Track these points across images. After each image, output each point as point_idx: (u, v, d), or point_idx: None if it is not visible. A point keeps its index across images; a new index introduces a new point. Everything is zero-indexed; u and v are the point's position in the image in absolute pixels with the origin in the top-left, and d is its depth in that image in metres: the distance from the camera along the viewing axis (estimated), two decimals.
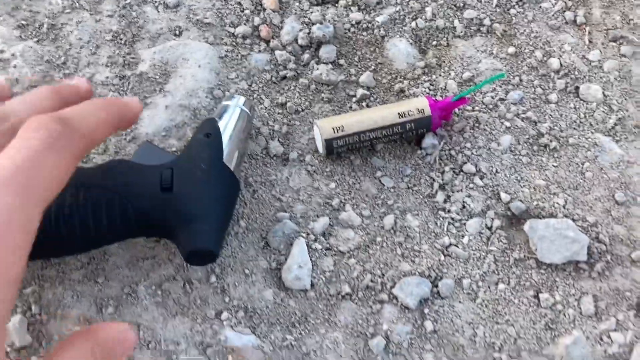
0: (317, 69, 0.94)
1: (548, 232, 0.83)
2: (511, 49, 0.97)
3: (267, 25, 0.97)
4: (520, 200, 0.86)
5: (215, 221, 0.70)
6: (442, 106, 0.85)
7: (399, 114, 0.82)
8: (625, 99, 0.95)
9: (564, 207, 0.86)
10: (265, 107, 0.91)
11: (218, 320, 0.79)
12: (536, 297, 0.82)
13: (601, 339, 0.80)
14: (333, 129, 0.81)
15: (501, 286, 0.82)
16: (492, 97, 0.93)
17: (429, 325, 0.80)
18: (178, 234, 0.69)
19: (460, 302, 0.82)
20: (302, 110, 0.92)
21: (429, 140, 0.89)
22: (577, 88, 0.95)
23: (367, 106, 0.92)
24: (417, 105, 0.84)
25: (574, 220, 0.85)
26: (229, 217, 0.77)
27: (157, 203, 0.68)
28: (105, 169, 0.70)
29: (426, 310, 0.81)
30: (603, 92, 0.95)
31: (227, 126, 0.73)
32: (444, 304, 0.81)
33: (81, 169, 0.67)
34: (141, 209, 0.67)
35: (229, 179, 0.74)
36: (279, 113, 0.91)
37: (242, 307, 0.80)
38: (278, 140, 0.88)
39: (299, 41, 0.95)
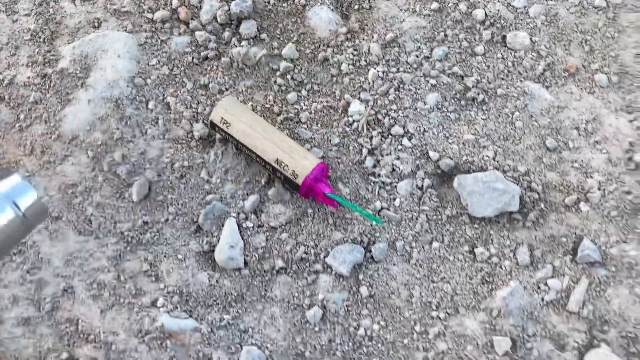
0: (239, 45, 0.93)
1: (477, 186, 0.82)
2: (434, 5, 0.96)
3: (185, 6, 0.95)
4: (450, 157, 0.86)
5: None
6: (311, 187, 0.79)
7: (277, 159, 0.79)
8: (554, 44, 0.93)
9: (494, 159, 0.86)
10: (188, 90, 0.90)
11: (154, 308, 0.79)
12: (471, 252, 0.82)
13: (538, 288, 0.80)
14: (221, 119, 0.82)
15: (435, 245, 0.82)
16: (417, 56, 0.92)
17: (364, 290, 0.80)
18: None
19: (394, 264, 0.82)
20: (227, 89, 0.91)
21: (355, 107, 0.88)
22: (504, 37, 0.94)
23: (292, 79, 0.91)
24: (298, 167, 0.78)
25: (504, 171, 0.85)
26: None
27: None
28: None
29: (361, 276, 0.81)
30: (531, 39, 0.93)
31: None
32: (379, 267, 0.81)
33: None
34: None
35: None
36: (202, 95, 0.90)
37: (178, 292, 0.80)
38: (202, 122, 0.88)
39: (219, 19, 0.94)
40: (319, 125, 0.88)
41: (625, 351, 0.77)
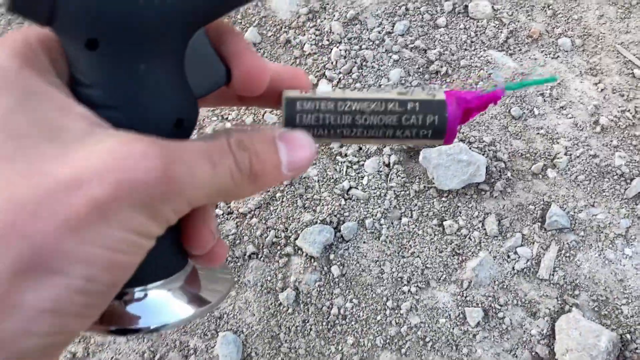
0: None
1: (441, 159, 0.82)
2: None
3: None
4: None
5: None
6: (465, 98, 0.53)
7: (398, 92, 0.40)
8: (516, 10, 0.93)
9: (459, 131, 0.86)
10: None
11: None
12: (440, 225, 0.83)
13: (508, 257, 0.81)
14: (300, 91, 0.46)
15: (404, 220, 0.83)
16: (379, 32, 0.91)
17: (335, 270, 0.81)
18: None
19: (364, 242, 0.82)
20: None
21: (322, 87, 0.88)
22: (465, 7, 0.93)
23: None
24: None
25: (470, 142, 0.85)
26: None
27: None
28: None
29: (331, 256, 0.81)
30: (492, 7, 0.92)
31: None
32: (349, 246, 0.82)
33: None
34: None
35: None
36: None
37: None
38: None
39: None
40: None
41: (596, 314, 0.78)
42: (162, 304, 0.30)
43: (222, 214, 0.83)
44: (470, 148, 0.83)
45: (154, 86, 0.27)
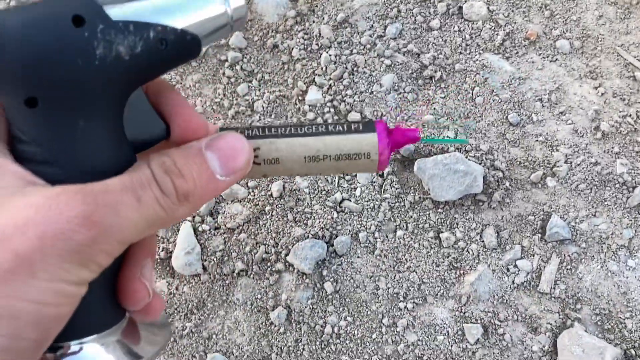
0: None
1: (437, 169, 0.79)
2: None
3: None
4: None
5: None
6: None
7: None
8: (512, 11, 0.89)
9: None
10: None
11: None
12: (437, 238, 0.79)
13: (507, 270, 0.78)
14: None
15: (399, 233, 0.79)
16: (370, 36, 0.88)
17: (329, 286, 0.77)
18: None
19: (358, 257, 0.79)
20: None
21: (312, 95, 0.84)
22: (460, 8, 0.89)
23: (242, 69, 0.87)
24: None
25: (466, 151, 0.81)
26: None
27: None
28: None
29: (324, 272, 0.78)
30: (488, 8, 0.89)
31: None
32: (342, 261, 0.78)
33: None
34: None
35: None
36: None
37: None
38: None
39: None
40: (273, 116, 0.84)
41: (599, 328, 0.75)
42: (98, 357, 0.30)
43: (209, 229, 0.79)
44: (467, 157, 0.80)
45: (92, 142, 0.27)
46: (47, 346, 0.25)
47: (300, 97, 0.85)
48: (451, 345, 0.75)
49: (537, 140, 0.82)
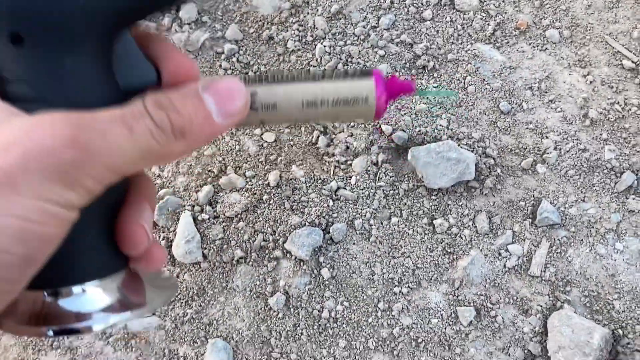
0: (180, 31, 0.89)
1: (430, 157, 0.81)
2: None
3: None
4: (402, 130, 0.84)
5: None
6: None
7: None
8: (503, 2, 0.91)
9: (447, 127, 0.84)
10: None
11: None
12: (430, 224, 0.81)
13: (499, 254, 0.80)
14: None
15: (394, 220, 0.81)
16: (364, 27, 0.89)
17: (325, 272, 0.79)
18: None
19: (354, 243, 0.81)
20: None
21: None
22: None
23: (238, 61, 0.88)
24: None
25: (459, 139, 0.83)
26: None
27: None
28: None
29: (321, 259, 0.80)
30: None
31: None
32: (338, 248, 0.81)
33: None
34: None
35: None
36: None
37: None
38: None
39: None
40: None
41: (588, 309, 0.77)
42: (100, 300, 0.30)
43: (209, 218, 0.81)
44: (459, 145, 0.82)
45: (80, 81, 0.27)
46: (36, 266, 0.25)
47: None
48: (445, 328, 0.77)
49: (527, 128, 0.84)
